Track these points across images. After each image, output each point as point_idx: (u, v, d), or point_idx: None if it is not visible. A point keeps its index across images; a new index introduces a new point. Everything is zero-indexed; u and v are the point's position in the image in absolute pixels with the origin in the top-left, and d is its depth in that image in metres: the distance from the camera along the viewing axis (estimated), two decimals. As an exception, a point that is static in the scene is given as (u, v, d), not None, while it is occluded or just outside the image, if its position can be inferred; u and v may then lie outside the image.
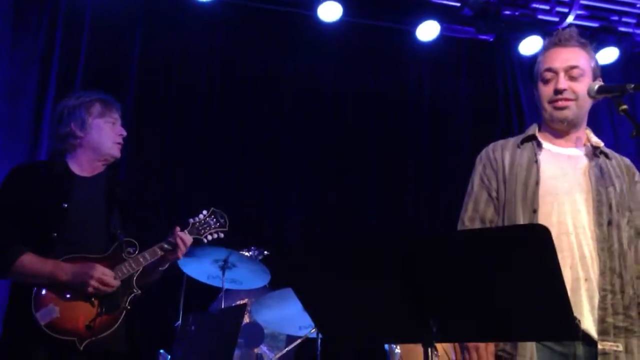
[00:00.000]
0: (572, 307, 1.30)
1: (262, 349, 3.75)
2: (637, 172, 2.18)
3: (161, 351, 3.46)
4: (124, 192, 2.54)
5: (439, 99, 5.26)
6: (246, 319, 3.63)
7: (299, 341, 3.44)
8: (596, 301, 1.93)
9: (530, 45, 4.96)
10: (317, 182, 4.84)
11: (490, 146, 2.25)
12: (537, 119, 2.25)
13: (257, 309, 3.55)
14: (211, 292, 3.86)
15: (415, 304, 1.36)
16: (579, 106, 2.10)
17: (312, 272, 1.44)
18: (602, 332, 1.91)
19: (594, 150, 2.14)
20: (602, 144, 2.16)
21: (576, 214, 2.01)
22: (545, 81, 2.13)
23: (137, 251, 2.38)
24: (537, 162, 2.09)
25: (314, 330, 3.33)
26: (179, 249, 2.39)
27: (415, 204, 5.01)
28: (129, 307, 2.32)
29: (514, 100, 5.23)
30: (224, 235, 2.63)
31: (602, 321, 1.92)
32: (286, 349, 3.57)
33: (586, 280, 1.95)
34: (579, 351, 1.92)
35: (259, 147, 4.78)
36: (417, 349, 3.07)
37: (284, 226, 4.72)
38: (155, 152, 4.50)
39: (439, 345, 3.17)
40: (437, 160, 5.14)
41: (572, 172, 2.08)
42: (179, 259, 2.44)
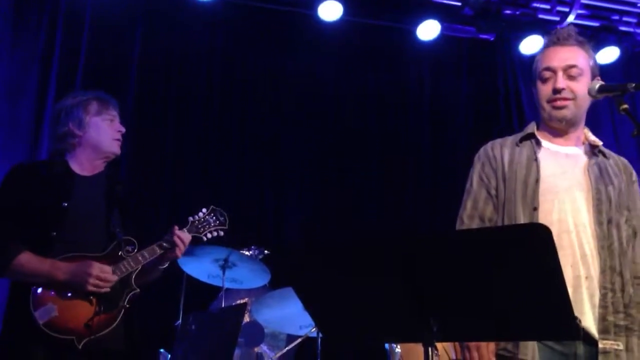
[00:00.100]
0: (573, 305, 1.29)
1: (263, 348, 3.75)
2: (634, 172, 2.18)
3: (161, 350, 3.46)
4: (124, 191, 2.54)
5: (439, 98, 5.26)
6: (246, 318, 3.63)
7: (299, 340, 3.44)
8: (597, 299, 1.93)
9: (531, 44, 4.96)
10: (317, 181, 4.84)
11: (488, 144, 2.24)
12: (536, 118, 2.24)
13: (258, 308, 3.55)
14: (211, 292, 3.86)
15: (415, 304, 1.36)
16: (577, 105, 2.09)
17: (313, 271, 1.44)
18: (603, 330, 1.91)
19: (593, 149, 2.14)
20: (601, 143, 2.16)
21: (576, 212, 2.01)
22: (543, 80, 2.13)
23: (136, 250, 2.37)
24: (536, 160, 2.09)
25: (314, 329, 3.33)
26: (177, 247, 2.39)
27: (415, 204, 5.01)
28: (128, 306, 2.32)
29: (515, 99, 5.23)
30: (223, 233, 2.63)
31: (602, 319, 1.92)
32: (286, 348, 3.57)
33: (587, 278, 1.95)
34: (579, 350, 1.92)
35: (259, 146, 4.78)
36: (417, 348, 3.07)
37: (284, 226, 4.72)
38: (155, 151, 4.50)
39: (439, 344, 3.17)
40: (437, 159, 5.14)
41: (571, 170, 2.08)
42: (178, 257, 2.44)
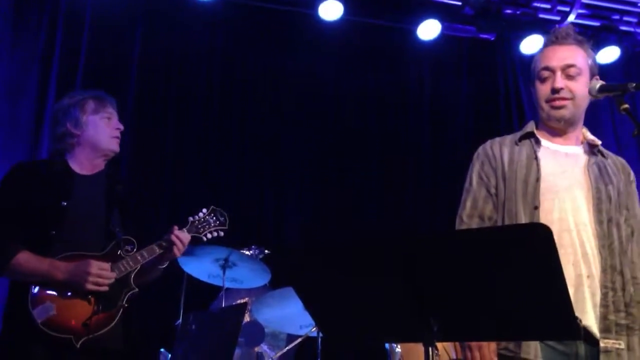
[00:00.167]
0: (575, 304, 1.29)
1: (263, 347, 3.75)
2: (631, 172, 2.19)
3: (162, 350, 3.46)
4: (124, 190, 2.54)
5: (439, 98, 5.26)
6: (247, 318, 3.63)
7: (299, 340, 3.44)
8: (598, 298, 1.94)
9: (531, 44, 4.96)
10: (317, 181, 4.84)
11: (487, 143, 2.24)
12: (535, 117, 2.24)
13: (258, 307, 3.55)
14: (212, 291, 3.86)
15: (415, 303, 1.36)
16: (576, 105, 2.09)
17: (313, 271, 1.44)
18: (604, 329, 1.91)
19: (592, 148, 2.14)
20: (600, 143, 2.16)
21: (577, 211, 2.01)
22: (542, 80, 2.12)
23: (135, 249, 2.37)
24: (536, 159, 2.09)
25: (315, 329, 3.33)
26: (176, 246, 2.38)
27: (415, 203, 5.01)
28: (126, 305, 2.32)
29: (515, 99, 5.23)
30: (223, 233, 2.63)
31: (604, 318, 1.92)
32: (287, 348, 3.57)
33: (588, 277, 1.95)
34: (580, 350, 1.92)
35: (259, 146, 4.78)
36: (417, 348, 3.07)
37: (284, 226, 4.72)
38: (155, 151, 4.50)
39: (439, 344, 3.17)
40: (438, 159, 5.13)
41: (571, 169, 2.08)
42: (177, 257, 2.43)
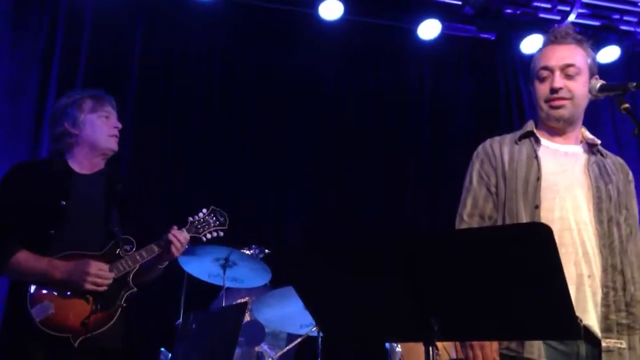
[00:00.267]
0: (576, 303, 1.29)
1: (263, 347, 3.75)
2: (630, 172, 2.19)
3: (162, 349, 3.46)
4: (124, 189, 2.54)
5: (439, 97, 5.25)
6: (247, 318, 3.63)
7: (299, 340, 3.44)
8: (599, 298, 1.94)
9: (531, 43, 4.96)
10: (317, 181, 4.84)
11: (487, 142, 2.23)
12: (535, 117, 2.24)
13: (258, 307, 3.55)
14: (212, 291, 3.86)
15: (416, 303, 1.36)
16: (574, 105, 2.09)
17: (313, 270, 1.43)
18: (606, 329, 1.91)
19: (591, 147, 2.14)
20: (599, 142, 2.16)
21: (577, 210, 2.01)
22: (541, 79, 2.12)
23: (134, 249, 2.37)
24: (537, 158, 2.09)
25: (315, 328, 3.33)
26: (174, 246, 2.38)
27: (415, 203, 5.01)
28: (125, 305, 2.32)
29: (515, 99, 5.23)
30: (223, 233, 2.63)
31: (605, 318, 1.92)
32: (287, 348, 3.57)
33: (589, 276, 1.95)
34: (582, 350, 1.92)
35: (259, 146, 4.77)
36: (418, 348, 3.07)
37: (285, 225, 4.72)
38: (155, 151, 4.50)
39: (439, 343, 3.17)
40: (438, 158, 5.13)
41: (571, 168, 2.08)
42: (175, 257, 2.43)
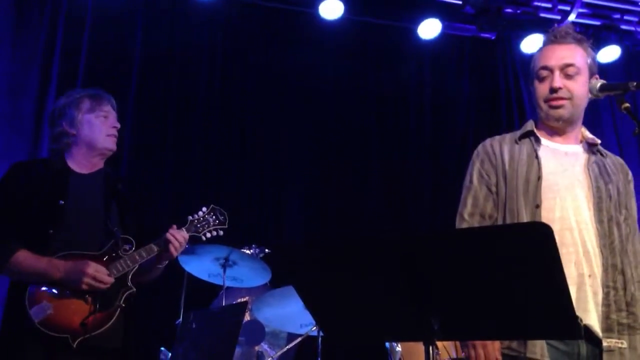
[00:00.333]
0: (577, 303, 1.29)
1: (263, 346, 3.75)
2: (629, 172, 2.19)
3: (162, 349, 3.46)
4: (124, 189, 2.54)
5: (440, 97, 5.25)
6: (247, 317, 3.63)
7: (299, 339, 3.44)
8: (600, 298, 1.93)
9: (532, 43, 4.96)
10: (317, 180, 4.83)
11: (487, 141, 2.23)
12: (534, 116, 2.24)
13: (258, 306, 3.55)
14: (212, 290, 3.86)
15: (416, 302, 1.36)
16: (574, 105, 2.09)
17: (313, 269, 1.43)
18: (607, 329, 1.92)
19: (591, 147, 2.14)
20: (599, 142, 2.16)
21: (578, 210, 2.01)
22: (540, 79, 2.12)
23: (133, 248, 2.37)
24: (537, 157, 2.09)
25: (315, 328, 3.33)
26: (172, 245, 2.37)
27: (415, 202, 5.00)
28: (124, 305, 2.32)
29: (516, 98, 5.23)
30: (223, 232, 2.62)
31: (606, 318, 1.92)
32: (287, 347, 3.57)
33: (590, 276, 1.95)
34: (582, 350, 1.92)
35: (259, 145, 4.77)
36: (418, 347, 3.06)
37: (285, 224, 4.72)
38: (155, 150, 4.50)
39: (439, 342, 3.17)
40: (438, 158, 5.13)
41: (571, 168, 2.08)
42: (174, 256, 2.42)
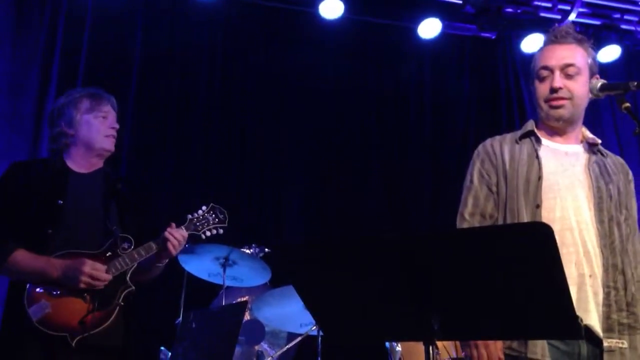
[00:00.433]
0: (577, 303, 1.29)
1: (263, 346, 3.75)
2: (630, 172, 2.19)
3: (162, 348, 3.46)
4: (125, 188, 2.54)
5: (440, 96, 5.25)
6: (247, 316, 3.63)
7: (299, 339, 3.44)
8: (600, 298, 1.93)
9: (532, 43, 4.96)
10: (317, 180, 4.83)
11: (487, 141, 2.24)
12: (534, 116, 2.24)
13: (258, 306, 3.55)
14: (212, 290, 3.86)
15: (416, 302, 1.36)
16: (574, 105, 2.09)
17: (313, 269, 1.43)
18: (607, 329, 1.92)
19: (592, 147, 2.14)
20: (600, 142, 2.16)
21: (578, 210, 2.01)
22: (541, 79, 2.12)
23: (132, 247, 2.37)
24: (538, 157, 2.09)
25: (315, 327, 3.33)
26: (170, 243, 2.36)
27: (416, 202, 5.00)
28: (123, 303, 2.31)
29: (516, 98, 5.23)
30: (222, 231, 2.61)
31: (607, 318, 1.92)
32: (287, 347, 3.57)
33: (590, 276, 1.95)
34: (583, 350, 1.92)
35: (259, 145, 4.77)
36: (418, 347, 3.06)
37: (285, 224, 4.72)
38: (155, 150, 4.50)
39: (439, 342, 3.16)
40: (438, 158, 5.13)
41: (572, 168, 2.08)
42: (173, 255, 2.41)
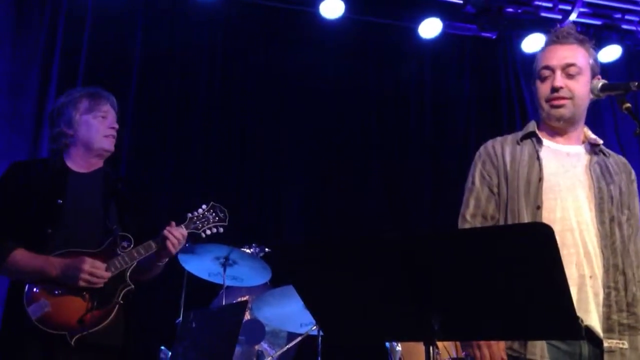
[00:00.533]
0: (578, 304, 1.29)
1: (263, 346, 3.75)
2: (632, 171, 2.19)
3: (162, 348, 3.46)
4: (124, 187, 2.54)
5: (441, 96, 5.25)
6: (247, 316, 3.63)
7: (299, 338, 3.44)
8: (601, 298, 1.94)
9: (533, 43, 4.95)
10: (317, 180, 4.83)
11: (489, 142, 2.24)
12: (536, 117, 2.24)
13: (258, 306, 3.55)
14: (212, 289, 3.86)
15: (416, 302, 1.36)
16: (575, 104, 2.09)
17: (313, 269, 1.43)
18: (608, 329, 1.92)
19: (593, 147, 2.14)
20: (601, 142, 2.16)
21: (579, 211, 2.01)
22: (542, 79, 2.13)
23: (131, 246, 2.37)
24: (539, 158, 2.09)
25: (315, 327, 3.33)
26: (169, 242, 2.36)
27: (416, 202, 5.00)
28: (122, 302, 2.31)
29: (517, 98, 5.23)
30: (223, 229, 2.61)
31: (607, 318, 1.92)
32: (287, 346, 3.57)
33: (591, 277, 1.95)
34: (584, 350, 1.92)
35: (259, 145, 4.77)
36: (418, 347, 3.06)
37: (285, 224, 4.72)
38: (155, 150, 4.50)
39: (439, 342, 3.16)
40: (439, 158, 5.12)
41: (573, 169, 2.08)
42: (172, 253, 2.41)
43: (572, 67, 2.08)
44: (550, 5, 5.05)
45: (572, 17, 4.92)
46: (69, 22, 4.33)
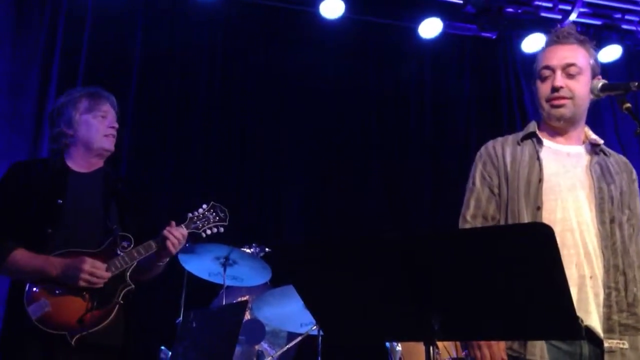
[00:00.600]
0: (578, 304, 1.29)
1: (263, 345, 3.75)
2: (634, 171, 2.19)
3: (162, 348, 3.46)
4: (125, 187, 2.54)
5: (441, 96, 5.25)
6: (247, 316, 3.63)
7: (300, 338, 3.44)
8: (601, 299, 1.94)
9: (533, 43, 4.95)
10: (317, 180, 4.83)
11: (489, 143, 2.24)
12: (536, 117, 2.25)
13: (258, 305, 3.55)
14: (212, 289, 3.86)
15: (416, 302, 1.36)
16: (575, 104, 2.09)
17: (313, 269, 1.43)
18: (608, 329, 1.92)
19: (594, 147, 2.14)
20: (602, 142, 2.16)
21: (579, 211, 2.01)
22: (542, 79, 2.13)
23: (131, 245, 2.37)
24: (539, 159, 2.09)
25: (315, 327, 3.33)
26: (169, 241, 2.36)
27: (416, 202, 5.00)
28: (122, 302, 2.32)
29: (517, 98, 5.23)
30: (223, 229, 2.61)
31: (607, 318, 1.92)
32: (287, 346, 3.57)
33: (591, 277, 1.95)
34: (585, 350, 1.92)
35: (259, 145, 4.77)
36: (418, 347, 3.07)
37: (285, 224, 4.72)
38: (155, 150, 4.50)
39: (439, 342, 3.16)
40: (439, 158, 5.13)
41: (573, 169, 2.08)
42: (172, 253, 2.41)
43: (572, 67, 2.08)
44: (550, 5, 5.05)
45: (572, 17, 4.92)
46: (69, 22, 4.33)
